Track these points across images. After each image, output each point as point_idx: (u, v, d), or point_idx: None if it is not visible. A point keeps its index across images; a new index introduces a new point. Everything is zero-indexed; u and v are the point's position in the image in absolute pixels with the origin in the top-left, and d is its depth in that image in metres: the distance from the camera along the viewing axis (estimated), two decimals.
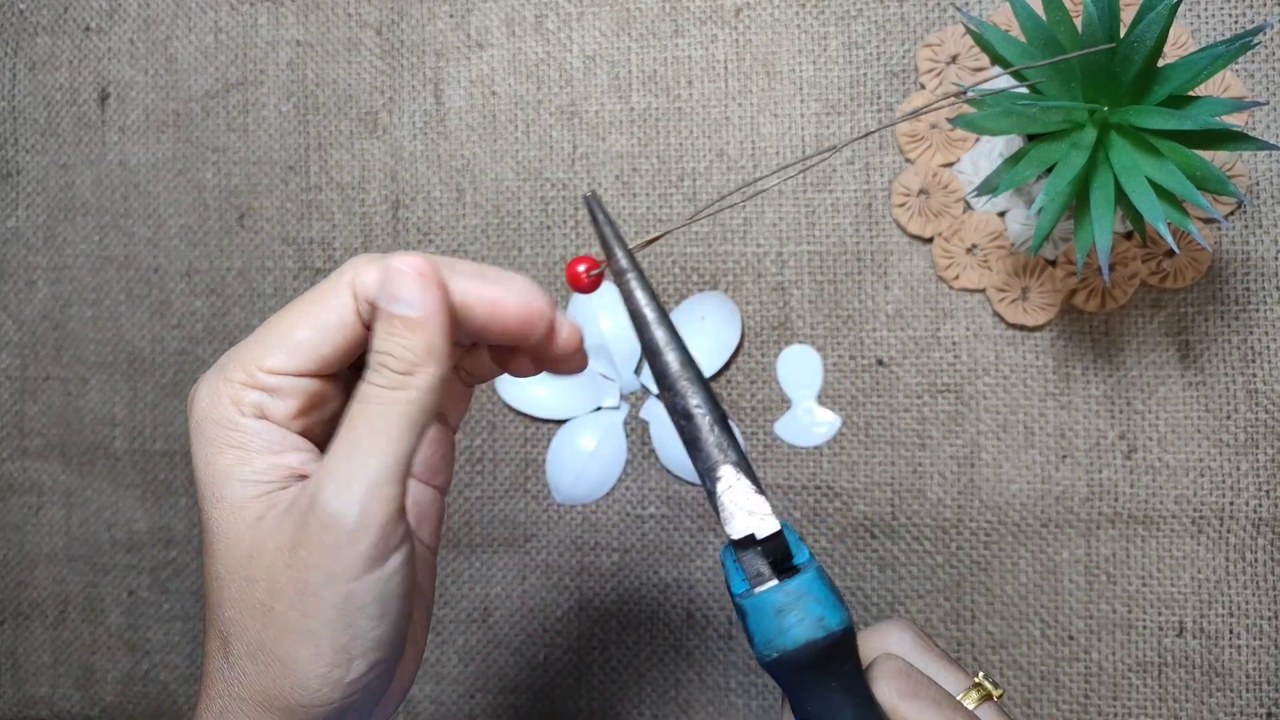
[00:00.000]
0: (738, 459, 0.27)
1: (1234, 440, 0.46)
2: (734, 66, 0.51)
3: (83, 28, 0.57)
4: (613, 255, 0.28)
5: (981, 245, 0.48)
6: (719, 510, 0.27)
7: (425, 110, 0.53)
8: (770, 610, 0.27)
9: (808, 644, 0.27)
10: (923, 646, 0.33)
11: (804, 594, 0.27)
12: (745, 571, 0.28)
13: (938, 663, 0.32)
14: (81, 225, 0.57)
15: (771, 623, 0.27)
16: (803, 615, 0.27)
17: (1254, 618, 0.46)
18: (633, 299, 0.28)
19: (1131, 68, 0.37)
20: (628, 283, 0.28)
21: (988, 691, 0.32)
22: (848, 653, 0.27)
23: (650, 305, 0.28)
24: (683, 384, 0.27)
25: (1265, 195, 0.46)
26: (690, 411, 0.27)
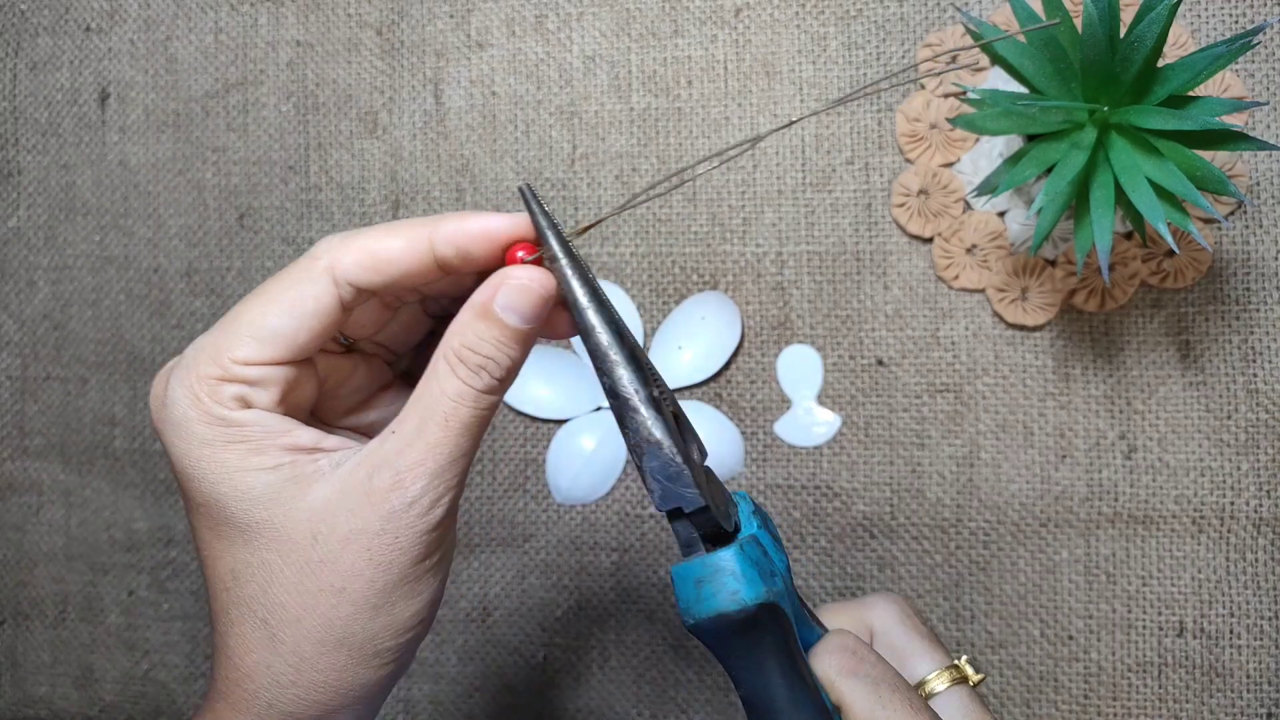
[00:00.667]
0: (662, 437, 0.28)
1: (1234, 440, 0.46)
2: (734, 67, 0.51)
3: (83, 28, 0.57)
4: (545, 242, 0.29)
5: (981, 245, 0.48)
6: (646, 486, 0.29)
7: (425, 110, 0.53)
8: (691, 580, 0.28)
9: (719, 615, 0.28)
10: (905, 623, 0.33)
11: (722, 568, 0.28)
12: (679, 540, 0.29)
13: (919, 640, 0.32)
14: (82, 225, 0.57)
15: (691, 591, 0.28)
16: (718, 588, 0.28)
17: (1254, 618, 0.46)
18: (565, 284, 0.29)
19: (1131, 68, 0.37)
20: (560, 269, 0.29)
21: (963, 675, 0.32)
22: (770, 626, 0.28)
23: (582, 290, 0.29)
24: (610, 363, 0.29)
25: (1265, 195, 0.46)
26: (616, 390, 0.29)
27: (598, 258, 0.52)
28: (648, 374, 0.29)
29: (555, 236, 0.29)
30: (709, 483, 0.30)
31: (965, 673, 0.32)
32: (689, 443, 0.30)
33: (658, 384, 0.29)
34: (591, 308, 0.29)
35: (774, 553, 0.30)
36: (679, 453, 0.28)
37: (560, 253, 0.29)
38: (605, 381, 0.29)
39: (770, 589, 0.28)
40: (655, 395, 0.29)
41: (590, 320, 0.29)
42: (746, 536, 0.29)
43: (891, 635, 0.33)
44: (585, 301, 0.29)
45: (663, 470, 0.28)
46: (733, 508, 0.30)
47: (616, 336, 0.29)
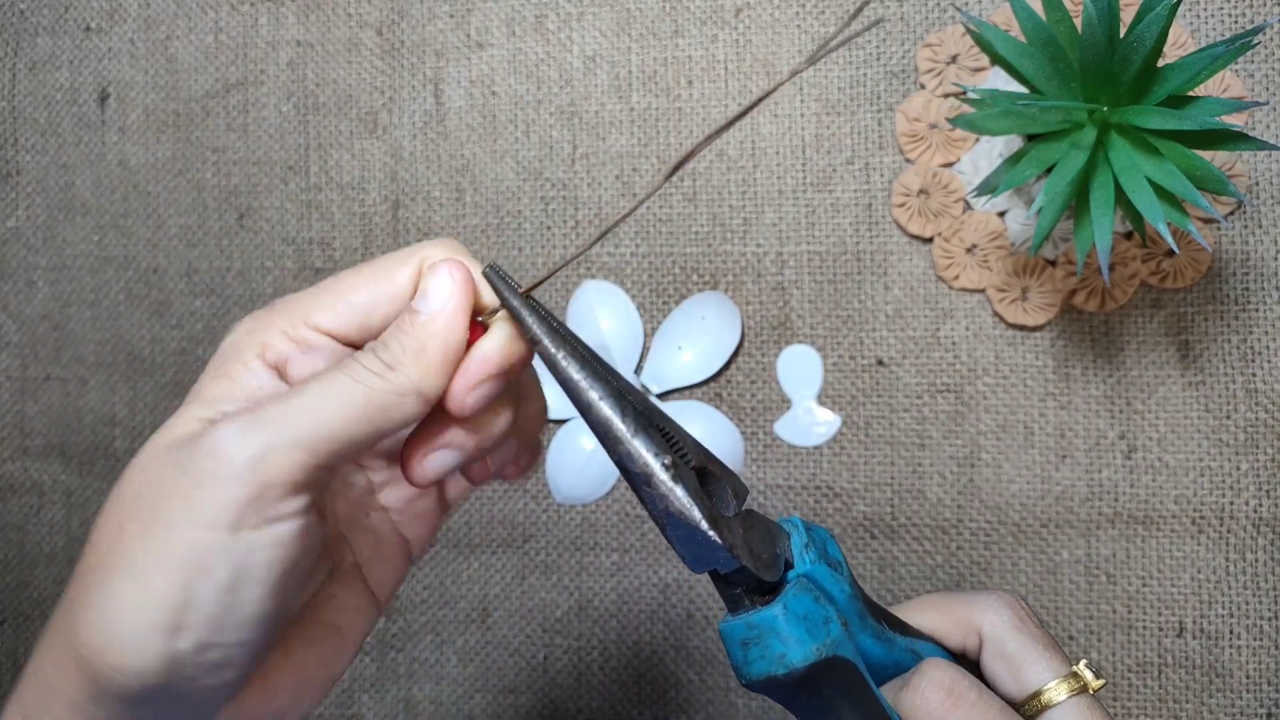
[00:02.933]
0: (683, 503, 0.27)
1: (1234, 440, 0.46)
2: (734, 67, 0.51)
3: (83, 28, 0.57)
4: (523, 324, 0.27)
5: (981, 245, 0.48)
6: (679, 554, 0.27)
7: (425, 110, 0.53)
8: (736, 641, 0.27)
9: (768, 679, 0.27)
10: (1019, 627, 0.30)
11: (766, 629, 0.27)
12: (723, 598, 0.28)
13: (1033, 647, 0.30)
14: (81, 225, 0.57)
15: (738, 653, 0.27)
16: (764, 651, 0.27)
17: (1254, 618, 0.46)
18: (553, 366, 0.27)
19: (1131, 68, 0.37)
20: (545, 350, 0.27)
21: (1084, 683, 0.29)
22: (829, 679, 0.27)
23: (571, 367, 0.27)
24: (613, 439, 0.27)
25: (1265, 195, 0.46)
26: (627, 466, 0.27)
27: (598, 258, 0.52)
28: (659, 436, 0.27)
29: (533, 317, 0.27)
30: (749, 530, 0.28)
31: (1085, 679, 0.29)
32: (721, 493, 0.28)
33: (674, 444, 0.27)
34: (585, 383, 0.27)
35: (833, 586, 0.28)
36: (704, 517, 0.27)
37: (541, 333, 0.27)
38: (614, 458, 0.27)
39: (821, 645, 0.27)
40: (670, 461, 0.27)
41: (588, 398, 0.27)
42: (796, 581, 0.27)
43: (1004, 642, 0.30)
44: (578, 378, 0.27)
45: (689, 539, 0.27)
46: (781, 545, 0.29)
47: (618, 405, 0.27)
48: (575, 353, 0.27)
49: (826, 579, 0.28)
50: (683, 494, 0.27)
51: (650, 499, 0.27)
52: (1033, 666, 0.29)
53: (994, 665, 0.30)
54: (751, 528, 0.28)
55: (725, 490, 0.28)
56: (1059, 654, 0.30)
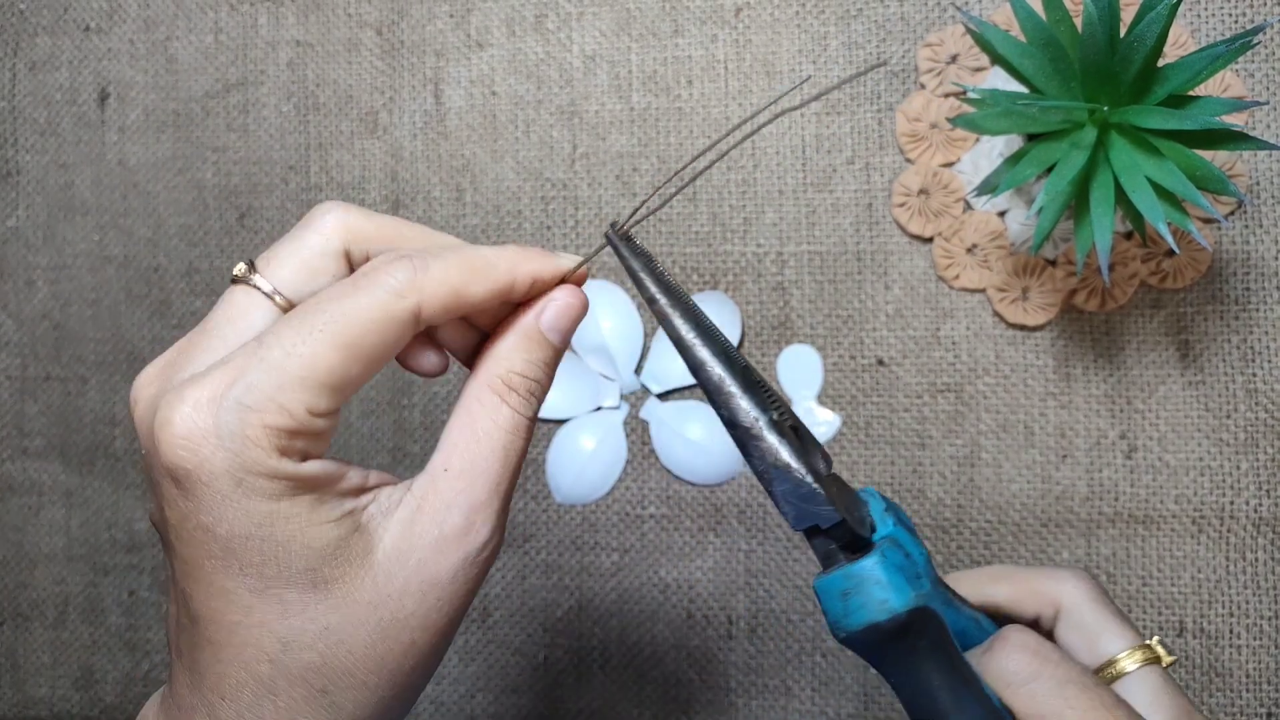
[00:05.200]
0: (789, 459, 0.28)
1: (1234, 440, 0.46)
2: (734, 66, 0.51)
3: (83, 28, 0.57)
4: (641, 285, 0.28)
5: (982, 245, 0.48)
6: (779, 508, 0.28)
7: (425, 110, 0.53)
8: (836, 593, 0.28)
9: (871, 625, 0.27)
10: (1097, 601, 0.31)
11: (867, 578, 0.28)
12: (818, 554, 0.29)
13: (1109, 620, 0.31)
14: (81, 225, 0.57)
15: (838, 605, 0.28)
16: (865, 599, 0.27)
17: (1254, 617, 0.46)
18: (667, 324, 0.28)
19: (1131, 67, 0.37)
20: (660, 309, 0.28)
21: (1155, 655, 0.30)
22: (924, 630, 0.28)
23: (685, 326, 0.28)
24: (724, 395, 0.28)
25: (1265, 195, 0.46)
26: (735, 420, 0.28)
27: (599, 257, 0.52)
28: (764, 396, 0.28)
29: (650, 277, 0.28)
30: (840, 492, 0.29)
31: (1158, 653, 0.31)
32: (814, 456, 0.29)
33: (774, 403, 0.29)
34: (698, 343, 0.28)
35: (913, 548, 0.29)
36: (809, 472, 0.28)
37: (658, 293, 0.28)
38: (723, 414, 0.28)
39: (918, 592, 0.28)
40: (775, 418, 0.28)
41: (699, 356, 0.28)
42: (885, 539, 0.29)
43: (1081, 613, 0.31)
44: (691, 338, 0.28)
45: (794, 493, 0.28)
46: (865, 510, 0.30)
47: (728, 365, 0.28)
48: (688, 312, 0.28)
49: (907, 541, 0.29)
50: (788, 449, 0.28)
51: (758, 453, 0.28)
52: (1108, 636, 0.31)
53: (1070, 635, 0.31)
54: (840, 489, 0.29)
55: (816, 453, 0.29)
56: (1133, 628, 0.31)
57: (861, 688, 0.49)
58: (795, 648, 0.50)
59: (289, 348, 0.24)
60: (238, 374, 0.24)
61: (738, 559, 0.50)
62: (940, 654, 0.28)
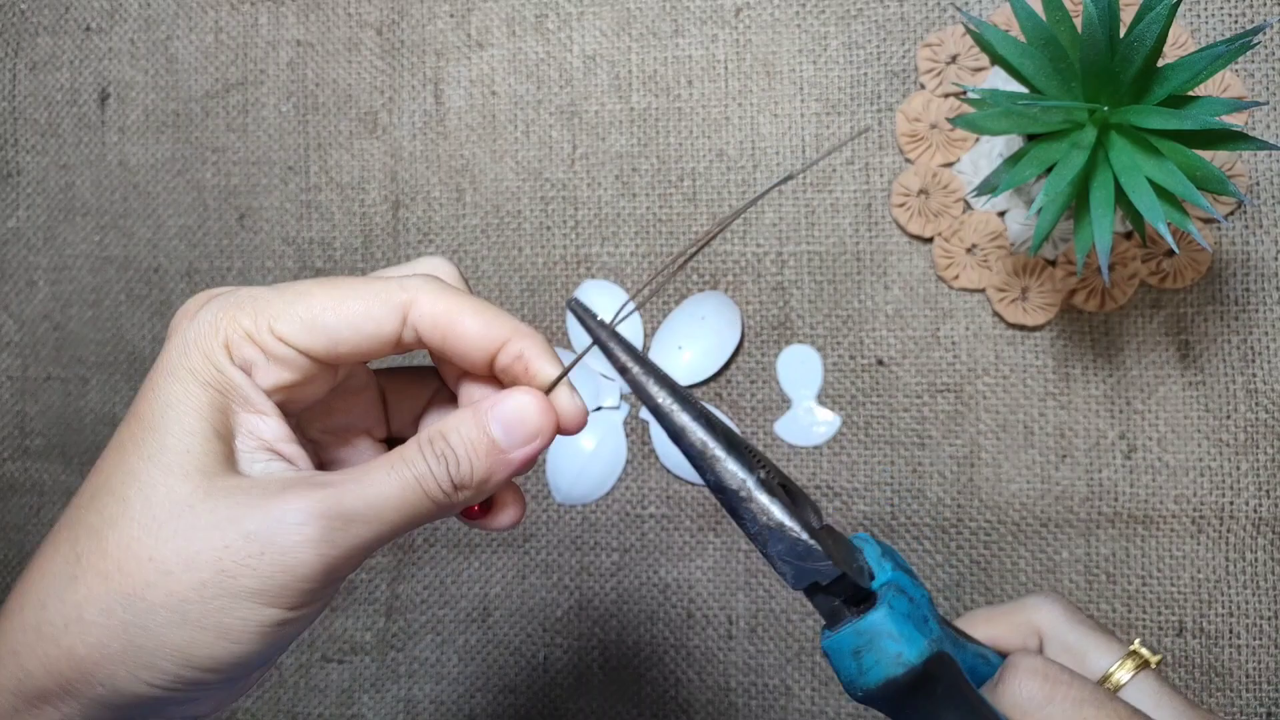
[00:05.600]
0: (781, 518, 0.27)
1: (1233, 440, 0.46)
2: (734, 66, 0.51)
3: (83, 28, 0.57)
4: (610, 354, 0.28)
5: (981, 245, 0.48)
6: (776, 570, 0.28)
7: (425, 110, 0.53)
8: (848, 653, 0.27)
9: (888, 682, 0.27)
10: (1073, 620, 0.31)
11: (877, 632, 0.27)
12: (821, 612, 0.29)
13: (1090, 635, 0.31)
14: (82, 225, 0.57)
15: (851, 664, 0.27)
16: (879, 655, 0.27)
17: (1254, 617, 0.46)
18: (642, 393, 0.28)
19: (1131, 68, 0.37)
20: (633, 378, 0.28)
21: (1144, 659, 0.31)
22: (940, 675, 0.28)
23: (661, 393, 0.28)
24: (708, 460, 0.28)
25: (1265, 195, 0.46)
26: (722, 484, 0.28)
27: (598, 257, 0.52)
28: (748, 457, 0.28)
29: (620, 346, 0.28)
30: (835, 544, 0.28)
31: (1144, 656, 0.31)
32: (805, 511, 0.29)
33: (759, 462, 0.28)
34: (676, 408, 0.28)
35: (915, 591, 0.29)
36: (803, 529, 0.27)
37: (630, 362, 0.28)
38: (709, 479, 0.28)
39: (930, 639, 0.27)
40: (762, 478, 0.28)
41: (679, 421, 0.28)
42: (887, 585, 0.28)
43: (1063, 635, 0.31)
44: (669, 404, 0.28)
45: (790, 552, 0.27)
46: (861, 558, 0.29)
47: (708, 428, 0.28)
48: (662, 379, 0.28)
49: (908, 585, 0.29)
50: (780, 508, 0.27)
51: (749, 516, 0.27)
52: (1095, 652, 0.31)
53: (1059, 658, 0.32)
54: (835, 541, 0.29)
55: (807, 507, 0.29)
56: (1113, 638, 0.31)
57: None
58: (795, 647, 0.50)
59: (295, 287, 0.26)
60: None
61: (737, 559, 0.50)
62: (958, 697, 0.28)
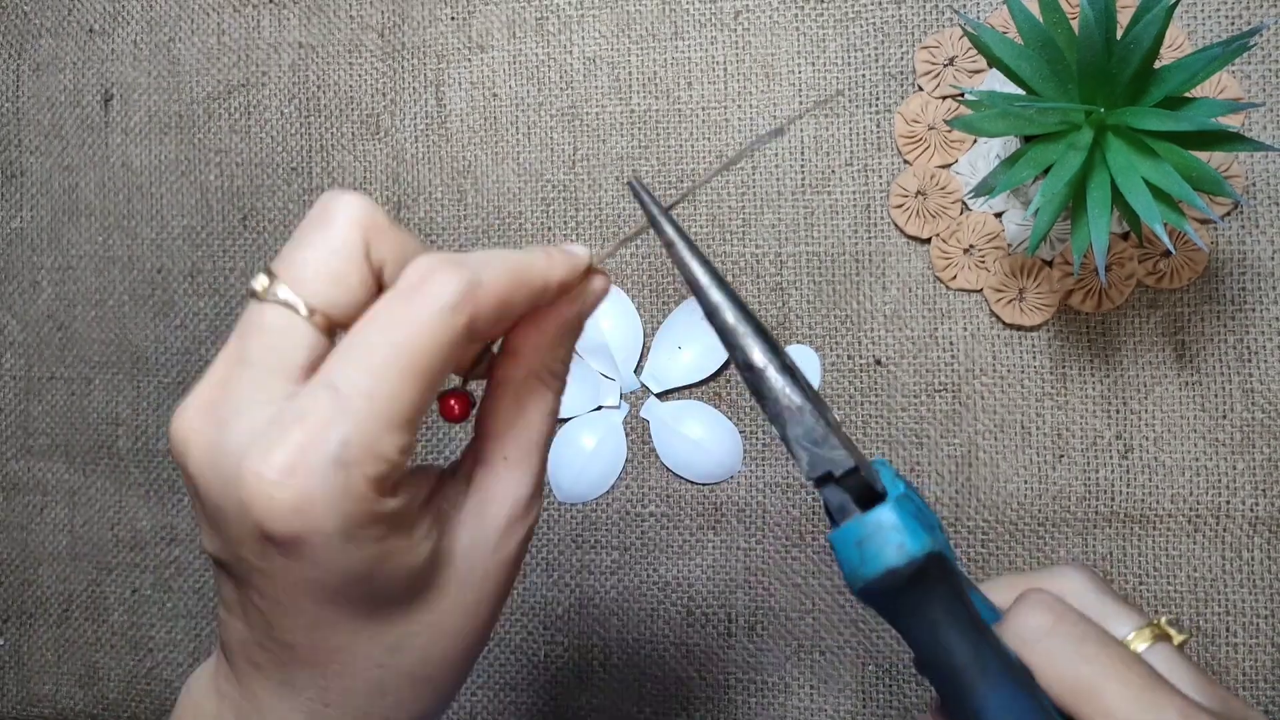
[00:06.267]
0: (803, 402, 0.28)
1: (1230, 439, 0.47)
2: (733, 69, 0.51)
3: (86, 30, 0.57)
4: (660, 230, 0.29)
5: (979, 246, 0.48)
6: (793, 453, 0.28)
7: (427, 112, 0.54)
8: (852, 542, 0.28)
9: (888, 571, 0.27)
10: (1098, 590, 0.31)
11: (883, 523, 0.27)
12: (830, 508, 0.29)
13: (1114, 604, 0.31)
14: (85, 226, 0.57)
15: (854, 554, 0.28)
16: (882, 544, 0.27)
17: (1250, 616, 0.46)
18: (685, 268, 0.29)
19: (1128, 69, 0.37)
20: (678, 253, 0.29)
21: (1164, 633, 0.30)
22: (939, 577, 0.28)
23: (702, 271, 0.29)
24: (740, 337, 0.28)
25: (1261, 196, 0.46)
26: (750, 362, 0.28)
27: (597, 257, 0.52)
28: (773, 344, 0.29)
29: (669, 222, 0.29)
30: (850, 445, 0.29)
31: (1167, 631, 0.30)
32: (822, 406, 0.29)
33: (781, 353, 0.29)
34: (714, 286, 0.29)
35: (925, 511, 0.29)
36: (822, 416, 0.28)
37: (676, 237, 0.29)
38: (737, 356, 0.29)
39: (934, 539, 0.27)
40: (788, 364, 0.28)
41: (714, 299, 0.29)
42: (899, 494, 0.28)
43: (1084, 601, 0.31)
44: (706, 281, 0.29)
45: (807, 436, 0.28)
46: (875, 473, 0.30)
47: (742, 311, 0.29)
48: (704, 261, 0.29)
49: (921, 503, 0.29)
50: (800, 392, 0.28)
51: (771, 396, 0.28)
52: (1115, 621, 0.30)
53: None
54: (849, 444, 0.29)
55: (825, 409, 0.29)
56: (1137, 610, 0.31)
57: (860, 685, 0.49)
58: (794, 645, 0.50)
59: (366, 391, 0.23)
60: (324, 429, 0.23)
61: (737, 557, 0.51)
62: (957, 604, 0.28)
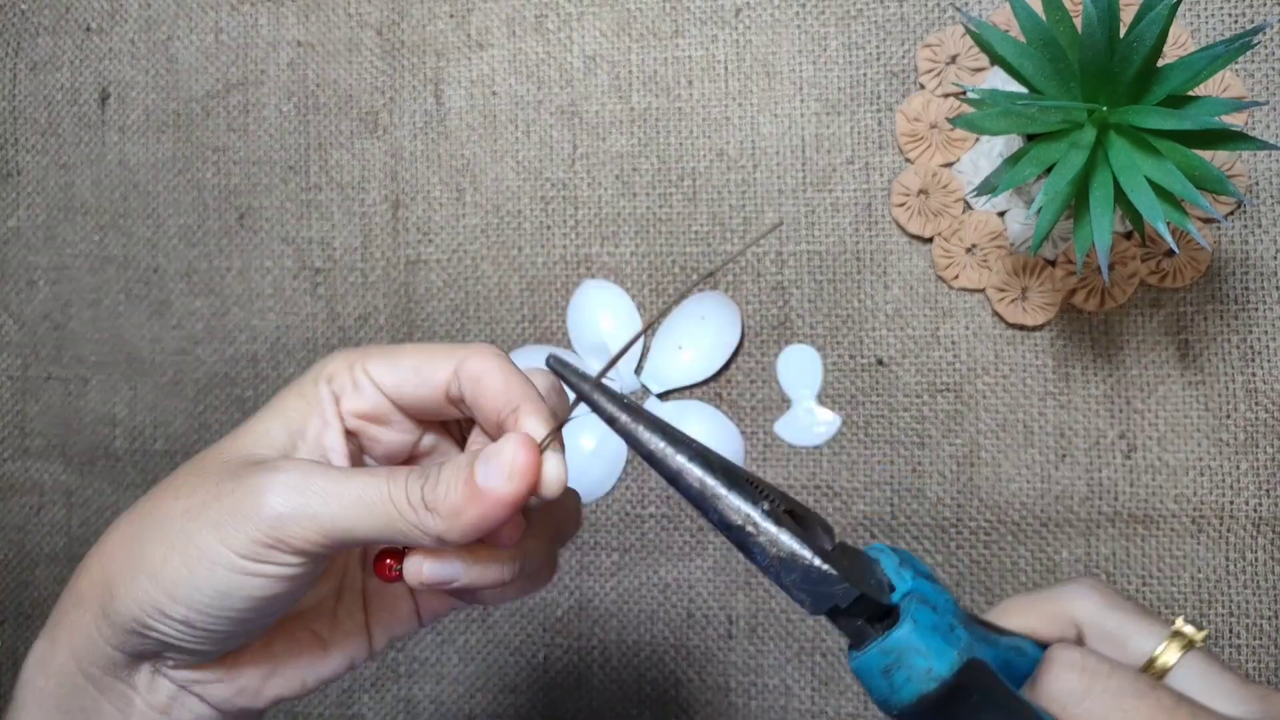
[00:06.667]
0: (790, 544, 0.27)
1: (1233, 439, 0.46)
2: (734, 66, 0.51)
3: (84, 28, 0.57)
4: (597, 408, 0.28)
5: (981, 245, 0.48)
6: (794, 599, 0.28)
7: (425, 110, 0.53)
8: (878, 672, 0.27)
9: (922, 698, 0.27)
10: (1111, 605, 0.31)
11: (905, 648, 0.27)
12: (845, 633, 0.28)
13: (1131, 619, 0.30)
14: (81, 225, 0.57)
15: (882, 683, 0.27)
16: (910, 672, 0.27)
17: (1254, 617, 0.46)
18: (634, 439, 0.28)
19: (1131, 67, 0.37)
20: (623, 427, 0.28)
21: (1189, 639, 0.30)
22: (973, 682, 0.27)
23: (653, 438, 0.27)
24: (709, 499, 0.27)
25: (1264, 195, 0.46)
26: (728, 522, 0.27)
27: (598, 257, 0.52)
28: (750, 489, 0.28)
29: (607, 397, 0.28)
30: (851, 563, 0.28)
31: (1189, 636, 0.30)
32: (816, 534, 0.28)
33: (763, 493, 0.28)
34: (670, 451, 0.27)
35: (938, 598, 0.28)
36: (815, 554, 0.27)
37: (617, 411, 0.28)
38: (713, 518, 0.27)
39: (959, 650, 0.27)
40: (767, 509, 0.27)
41: (675, 464, 0.27)
42: (908, 596, 0.28)
43: (1103, 622, 0.31)
44: (662, 448, 0.27)
45: (805, 580, 0.27)
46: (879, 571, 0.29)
47: (705, 466, 0.27)
48: (652, 424, 0.27)
49: (930, 593, 0.28)
50: (789, 537, 0.27)
51: (759, 549, 0.27)
52: (1138, 636, 0.30)
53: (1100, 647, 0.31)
54: (850, 559, 0.28)
55: (817, 529, 0.29)
56: (1155, 619, 0.30)
57: (860, 687, 0.49)
58: (795, 647, 0.50)
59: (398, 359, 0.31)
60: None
61: (737, 559, 0.50)
62: (995, 701, 0.27)
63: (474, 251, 0.53)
